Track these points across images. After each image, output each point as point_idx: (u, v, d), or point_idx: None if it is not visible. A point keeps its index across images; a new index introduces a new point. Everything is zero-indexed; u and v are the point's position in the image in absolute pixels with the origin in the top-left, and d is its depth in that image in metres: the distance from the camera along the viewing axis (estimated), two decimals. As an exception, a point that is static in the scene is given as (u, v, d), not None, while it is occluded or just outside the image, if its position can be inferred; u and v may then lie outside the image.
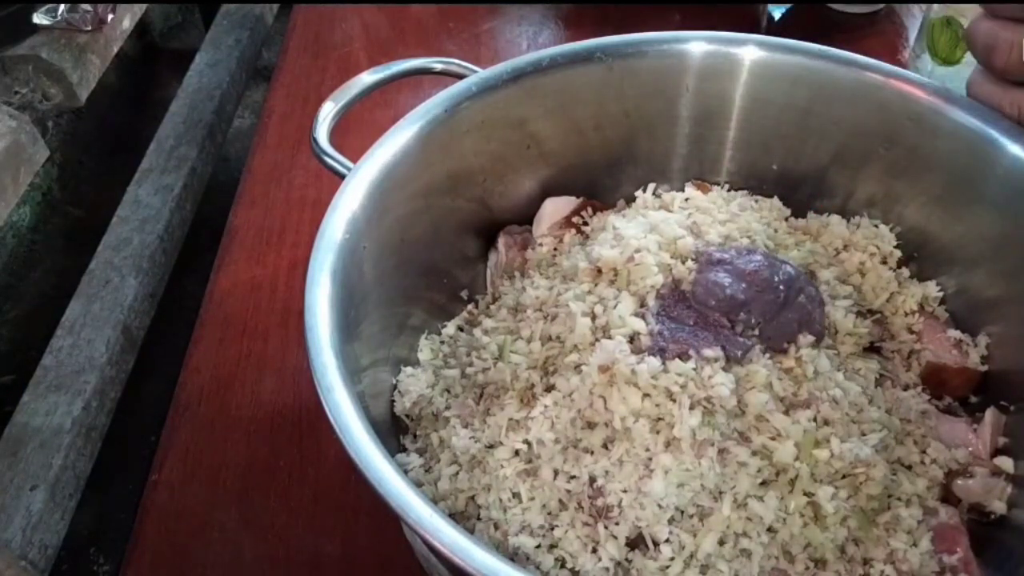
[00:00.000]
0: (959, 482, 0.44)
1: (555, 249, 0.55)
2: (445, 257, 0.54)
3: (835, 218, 0.55)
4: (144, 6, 0.85)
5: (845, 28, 0.85)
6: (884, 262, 0.53)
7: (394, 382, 0.48)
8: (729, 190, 0.57)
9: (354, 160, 0.46)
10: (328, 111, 0.51)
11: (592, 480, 0.40)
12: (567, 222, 0.56)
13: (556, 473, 0.41)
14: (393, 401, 0.47)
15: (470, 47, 0.91)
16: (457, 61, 0.55)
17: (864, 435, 0.43)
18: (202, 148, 0.87)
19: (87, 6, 0.70)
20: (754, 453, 0.40)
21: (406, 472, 0.43)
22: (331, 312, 0.39)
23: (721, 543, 0.39)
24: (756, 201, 0.56)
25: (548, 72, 0.53)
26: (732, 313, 0.44)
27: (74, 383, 0.63)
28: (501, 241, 0.56)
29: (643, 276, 0.45)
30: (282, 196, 0.73)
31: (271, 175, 0.76)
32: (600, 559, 0.39)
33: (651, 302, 0.44)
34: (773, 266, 0.46)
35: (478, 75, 0.52)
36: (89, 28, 0.71)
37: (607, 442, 0.41)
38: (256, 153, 0.78)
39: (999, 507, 0.43)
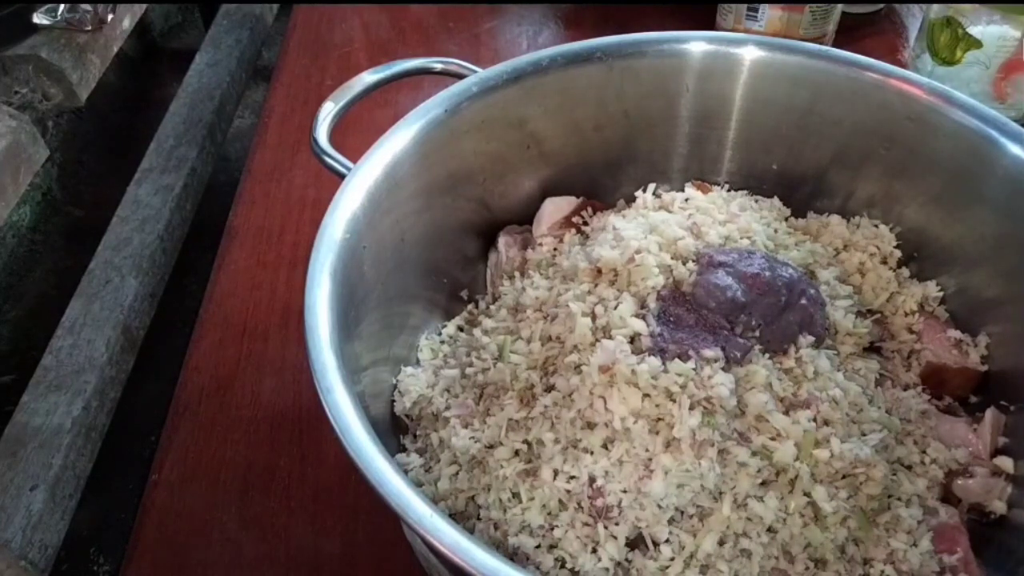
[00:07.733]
0: (959, 482, 0.44)
1: (555, 249, 0.55)
2: (445, 257, 0.54)
3: (835, 218, 0.55)
4: (144, 6, 0.84)
5: (845, 28, 0.85)
6: (884, 262, 0.53)
7: (394, 382, 0.48)
8: (729, 190, 0.57)
9: (354, 160, 0.46)
10: (328, 111, 0.51)
11: (592, 480, 0.40)
12: (567, 222, 0.56)
13: (556, 473, 0.41)
14: (393, 401, 0.48)
15: (470, 47, 0.91)
16: (457, 61, 0.55)
17: (864, 435, 0.43)
18: (202, 148, 0.87)
19: (87, 6, 0.70)
20: (754, 453, 0.40)
21: (406, 472, 0.43)
22: (331, 312, 0.39)
23: (721, 543, 0.39)
24: (756, 201, 0.57)
25: (548, 72, 0.53)
26: (732, 315, 0.44)
27: (74, 383, 0.62)
28: (501, 241, 0.56)
29: (643, 277, 0.45)
30: (282, 196, 0.73)
31: (271, 175, 0.76)
32: (600, 559, 0.39)
33: (652, 303, 0.44)
34: (774, 269, 0.46)
35: (478, 75, 0.52)
36: (89, 28, 0.71)
37: (607, 442, 0.41)
38: (256, 153, 0.78)
39: (999, 507, 0.43)
